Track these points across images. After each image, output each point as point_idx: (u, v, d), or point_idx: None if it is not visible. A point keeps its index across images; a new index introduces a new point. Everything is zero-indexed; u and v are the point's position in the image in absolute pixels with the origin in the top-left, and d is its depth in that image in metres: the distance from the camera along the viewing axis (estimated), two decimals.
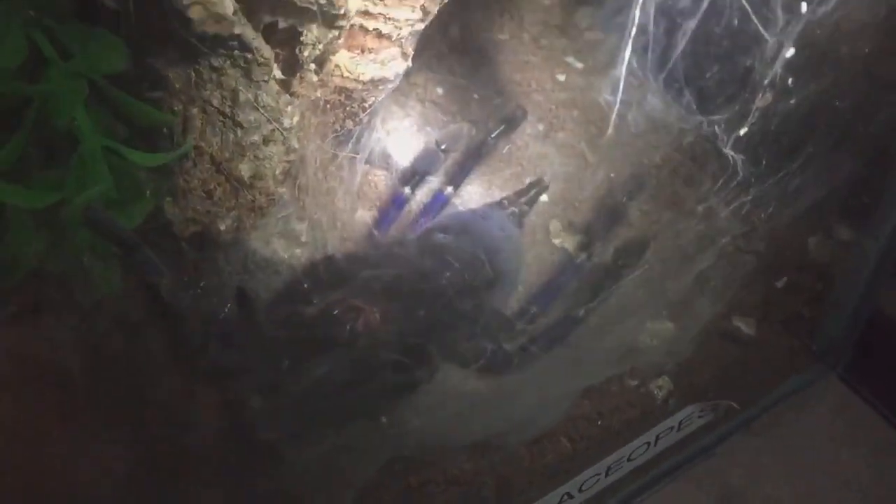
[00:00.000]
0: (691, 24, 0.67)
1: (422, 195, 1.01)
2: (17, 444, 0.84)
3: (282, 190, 0.85)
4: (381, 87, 0.92)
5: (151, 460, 0.74)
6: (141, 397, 0.76)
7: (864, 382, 1.18)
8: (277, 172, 0.83)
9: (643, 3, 0.64)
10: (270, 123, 0.81)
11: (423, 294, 0.84)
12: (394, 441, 0.73)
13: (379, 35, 0.87)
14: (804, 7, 0.66)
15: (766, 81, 0.72)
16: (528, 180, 1.05)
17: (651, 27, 0.65)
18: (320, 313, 0.72)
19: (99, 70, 0.80)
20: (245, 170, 0.82)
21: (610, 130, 0.72)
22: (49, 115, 0.77)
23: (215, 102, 0.81)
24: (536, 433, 0.84)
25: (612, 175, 1.05)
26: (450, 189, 1.00)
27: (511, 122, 1.05)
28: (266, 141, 0.82)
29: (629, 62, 0.67)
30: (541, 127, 1.11)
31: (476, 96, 1.14)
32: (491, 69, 1.16)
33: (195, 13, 0.72)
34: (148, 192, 0.83)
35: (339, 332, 0.74)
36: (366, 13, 0.85)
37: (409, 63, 0.91)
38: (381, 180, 1.03)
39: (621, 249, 0.96)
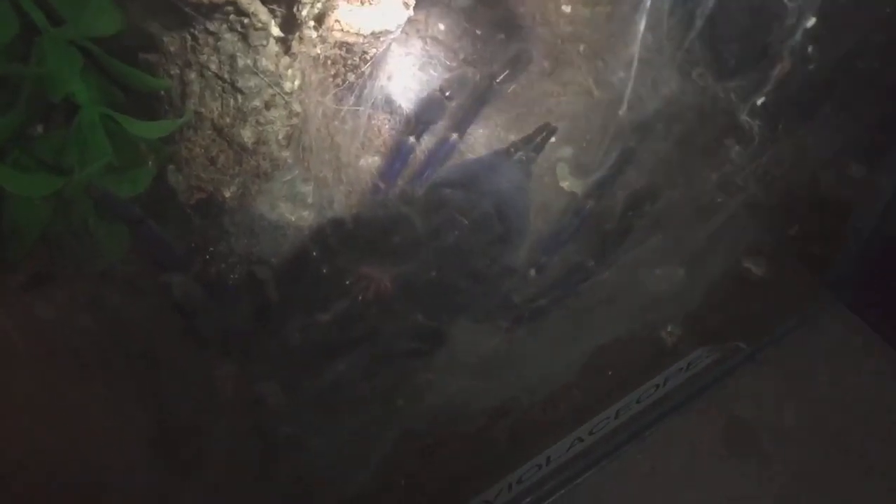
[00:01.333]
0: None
1: (427, 143, 0.99)
2: (34, 411, 0.86)
3: (285, 154, 0.83)
4: (382, 39, 0.89)
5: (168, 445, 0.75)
6: (153, 378, 0.77)
7: (871, 308, 1.19)
8: (280, 137, 0.82)
9: None
10: (271, 88, 0.79)
11: (433, 254, 0.83)
12: (409, 417, 0.75)
13: None
14: None
15: (785, 51, 0.69)
16: (534, 123, 1.02)
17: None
18: (336, 319, 0.71)
19: (91, 35, 0.78)
20: (247, 135, 0.81)
21: (623, 108, 0.69)
22: (45, 89, 0.75)
23: (213, 67, 0.79)
24: (549, 391, 0.86)
25: (619, 113, 1.02)
26: (455, 136, 0.98)
27: (516, 65, 1.02)
28: (268, 106, 0.80)
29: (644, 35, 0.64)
30: (546, 64, 1.07)
31: (479, 32, 1.10)
32: (492, 1, 1.11)
33: None
34: (150, 161, 0.82)
35: (351, 304, 0.74)
36: None
37: (411, 12, 0.88)
38: (385, 127, 1.01)
39: (630, 197, 0.94)
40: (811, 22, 0.67)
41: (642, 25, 0.67)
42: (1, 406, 0.83)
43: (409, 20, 0.98)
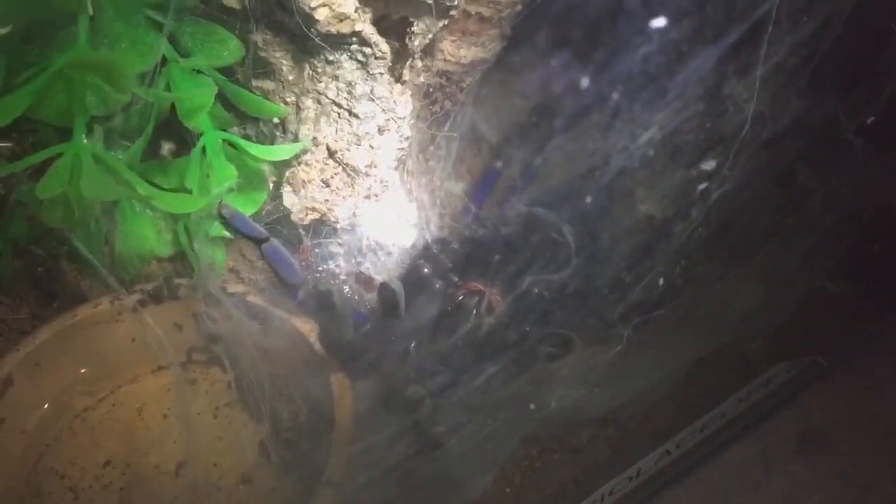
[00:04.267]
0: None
1: (513, 168, 1.03)
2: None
3: (394, 176, 0.87)
4: (479, 68, 0.93)
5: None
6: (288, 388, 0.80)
7: None
8: (391, 160, 0.86)
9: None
10: (385, 113, 0.83)
11: (535, 271, 0.87)
12: (532, 423, 0.78)
13: (481, 18, 0.89)
14: None
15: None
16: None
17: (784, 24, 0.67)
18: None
19: (214, 64, 0.83)
20: (361, 159, 0.85)
21: (747, 126, 0.73)
22: (177, 117, 0.80)
23: (331, 94, 0.83)
24: (647, 403, 0.89)
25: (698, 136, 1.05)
26: (539, 160, 1.03)
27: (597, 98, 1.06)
28: (381, 130, 0.84)
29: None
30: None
31: (553, 63, 1.14)
32: (568, 33, 1.16)
33: (321, 14, 0.74)
34: (271, 184, 0.86)
35: (466, 316, 0.78)
36: None
37: (506, 42, 0.93)
38: (473, 152, 1.05)
39: (715, 217, 0.98)
40: None
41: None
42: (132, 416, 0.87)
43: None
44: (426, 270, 0.82)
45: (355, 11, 0.76)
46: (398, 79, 0.84)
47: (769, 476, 1.10)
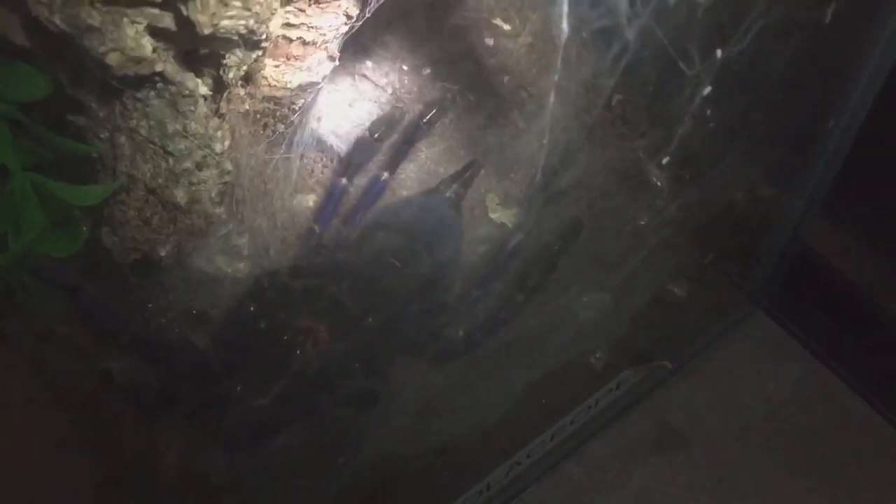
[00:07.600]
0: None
1: (359, 184, 1.01)
2: None
3: (219, 210, 0.85)
4: (309, 91, 0.91)
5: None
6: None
7: (789, 316, 1.25)
8: (213, 194, 0.83)
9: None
10: (202, 150, 0.81)
11: (369, 300, 0.86)
12: (351, 469, 0.78)
13: (303, 43, 0.85)
14: (719, 53, 0.68)
15: (686, 115, 0.74)
16: (462, 156, 1.06)
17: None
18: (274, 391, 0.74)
19: (18, 100, 0.78)
20: (181, 195, 0.82)
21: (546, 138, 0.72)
22: None
23: (143, 132, 0.80)
24: (487, 425, 0.90)
25: (543, 142, 1.06)
26: (386, 174, 1.01)
27: (442, 105, 1.05)
28: (199, 166, 0.81)
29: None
30: (472, 97, 1.11)
31: (405, 67, 1.13)
32: (418, 36, 1.14)
33: (113, 59, 0.70)
34: (84, 227, 0.83)
35: (288, 360, 0.77)
36: (288, 25, 0.83)
37: (336, 63, 0.90)
38: (317, 167, 1.03)
39: (556, 231, 0.98)
40: (707, 90, 0.72)
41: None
42: None
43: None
44: (251, 308, 0.81)
45: (153, 52, 0.72)
46: (216, 111, 0.81)
47: (628, 471, 1.13)
